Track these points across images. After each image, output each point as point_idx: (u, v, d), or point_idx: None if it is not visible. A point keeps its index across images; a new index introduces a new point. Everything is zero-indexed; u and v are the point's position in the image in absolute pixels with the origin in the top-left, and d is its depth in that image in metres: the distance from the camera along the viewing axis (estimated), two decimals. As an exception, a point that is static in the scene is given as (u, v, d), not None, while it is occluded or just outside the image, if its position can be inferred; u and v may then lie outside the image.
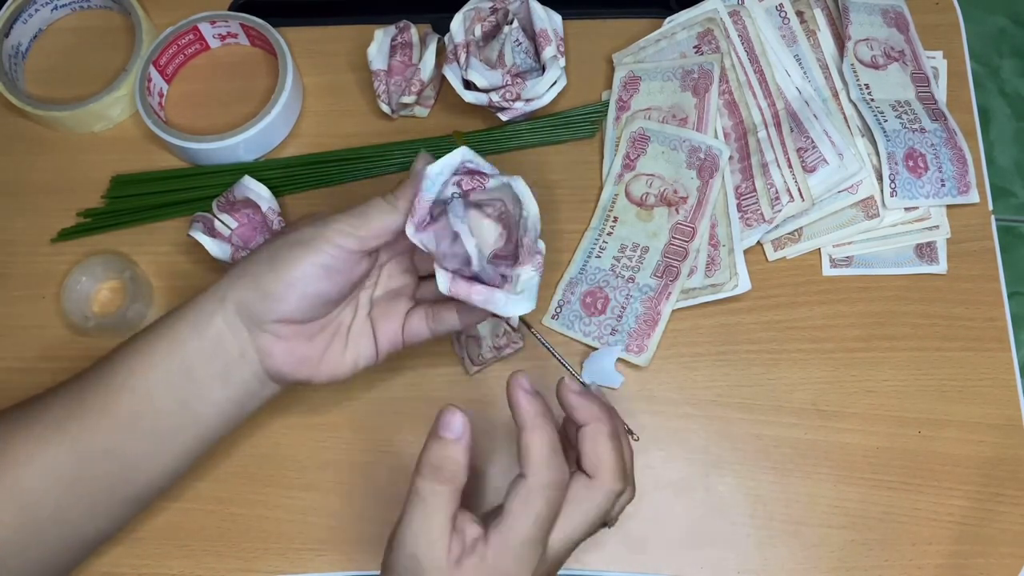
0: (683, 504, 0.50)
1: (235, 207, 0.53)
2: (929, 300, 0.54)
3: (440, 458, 0.36)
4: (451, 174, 0.40)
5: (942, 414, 0.52)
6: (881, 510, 0.50)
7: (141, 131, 0.60)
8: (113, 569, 0.50)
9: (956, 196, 0.55)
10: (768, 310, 0.54)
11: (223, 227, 0.53)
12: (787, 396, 0.52)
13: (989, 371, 0.53)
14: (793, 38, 0.58)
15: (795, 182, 0.54)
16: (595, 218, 0.56)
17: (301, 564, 0.50)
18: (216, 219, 0.53)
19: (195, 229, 0.52)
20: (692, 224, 0.54)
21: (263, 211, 0.54)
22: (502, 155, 0.58)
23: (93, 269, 0.55)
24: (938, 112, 0.57)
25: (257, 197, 0.54)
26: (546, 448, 0.36)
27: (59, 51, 0.63)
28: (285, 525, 0.50)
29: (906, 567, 0.49)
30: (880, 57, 0.57)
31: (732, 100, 0.57)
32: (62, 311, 0.54)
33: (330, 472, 0.51)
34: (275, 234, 0.45)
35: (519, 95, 0.55)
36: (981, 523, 0.50)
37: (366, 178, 0.58)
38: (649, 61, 0.59)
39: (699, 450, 0.52)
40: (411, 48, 0.58)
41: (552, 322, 0.54)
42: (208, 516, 0.51)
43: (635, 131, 0.57)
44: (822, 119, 0.55)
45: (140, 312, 0.55)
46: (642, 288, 0.54)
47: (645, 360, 0.52)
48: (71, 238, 0.57)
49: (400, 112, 0.59)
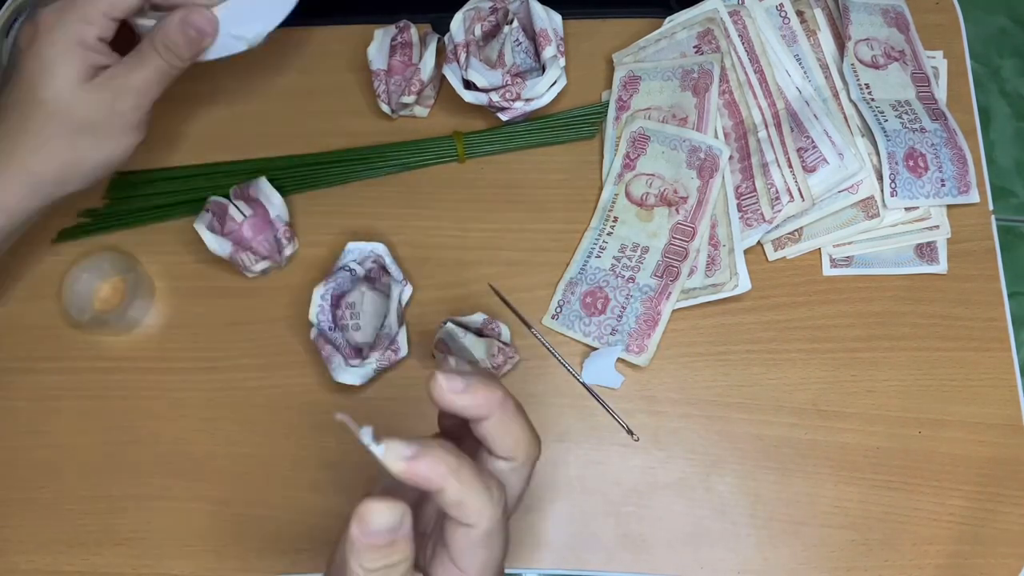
0: (683, 504, 0.50)
1: (250, 201, 0.54)
2: (929, 300, 0.54)
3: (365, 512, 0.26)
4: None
5: (942, 414, 0.52)
6: (881, 510, 0.50)
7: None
8: (113, 569, 0.50)
9: (956, 196, 0.55)
10: (768, 310, 0.54)
11: (237, 213, 0.53)
12: (787, 396, 0.52)
13: (989, 371, 0.53)
14: (793, 38, 0.58)
15: (795, 182, 0.54)
16: (595, 218, 0.56)
17: (301, 564, 0.50)
18: (232, 204, 0.53)
19: (201, 220, 0.52)
20: (692, 224, 0.54)
21: (271, 217, 0.54)
22: (502, 155, 0.58)
23: (100, 265, 0.55)
24: (938, 112, 0.57)
25: (267, 201, 0.54)
26: (455, 496, 0.27)
27: (59, 51, 0.63)
28: (285, 525, 0.50)
29: (906, 567, 0.49)
30: (880, 57, 0.57)
31: (732, 100, 0.57)
32: (61, 305, 0.54)
33: (330, 472, 0.51)
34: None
35: (519, 95, 0.55)
36: (981, 523, 0.50)
37: (366, 178, 0.58)
38: (649, 61, 0.59)
39: (699, 450, 0.52)
40: (411, 48, 0.58)
41: (552, 322, 0.54)
42: (208, 516, 0.51)
43: (635, 131, 0.57)
44: (822, 119, 0.55)
45: (141, 311, 0.55)
46: (642, 288, 0.54)
47: (645, 360, 0.52)
48: (71, 238, 0.57)
49: (400, 112, 0.59)
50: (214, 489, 0.51)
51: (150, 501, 0.51)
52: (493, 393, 0.30)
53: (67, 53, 0.45)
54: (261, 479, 0.51)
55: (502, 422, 0.30)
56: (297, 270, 0.56)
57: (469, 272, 0.55)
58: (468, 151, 0.58)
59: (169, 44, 0.46)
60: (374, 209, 0.57)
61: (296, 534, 0.50)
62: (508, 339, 0.52)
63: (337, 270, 0.53)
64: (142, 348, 0.54)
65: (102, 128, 0.47)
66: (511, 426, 0.30)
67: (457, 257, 0.56)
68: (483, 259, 0.56)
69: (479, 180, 0.58)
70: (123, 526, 0.51)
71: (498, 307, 0.55)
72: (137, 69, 0.47)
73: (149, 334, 0.55)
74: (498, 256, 0.56)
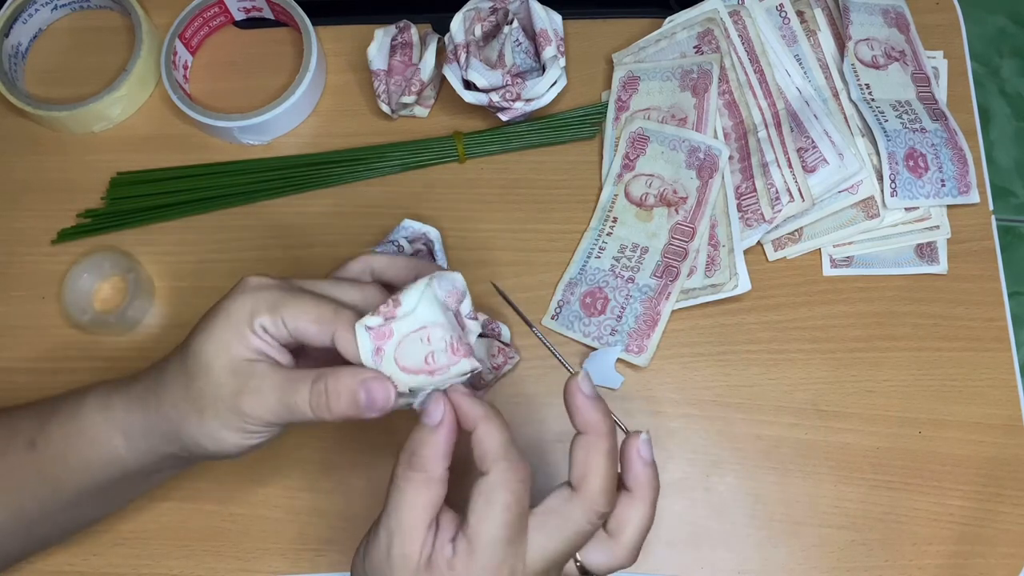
0: (683, 504, 0.50)
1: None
2: (929, 300, 0.54)
3: (416, 444, 0.34)
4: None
5: (942, 414, 0.52)
6: (881, 510, 0.50)
7: (141, 131, 0.60)
8: (113, 569, 0.50)
9: (956, 196, 0.55)
10: (768, 310, 0.54)
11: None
12: (787, 396, 0.52)
13: (989, 371, 0.53)
14: (793, 38, 0.58)
15: (795, 182, 0.54)
16: (595, 218, 0.56)
17: (301, 564, 0.50)
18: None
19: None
20: (692, 224, 0.54)
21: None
22: (502, 155, 0.58)
23: (100, 264, 0.55)
24: (938, 112, 0.57)
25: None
26: (499, 438, 0.34)
27: (59, 51, 0.63)
28: (285, 525, 0.50)
29: (906, 567, 0.49)
30: (881, 57, 0.57)
31: (732, 100, 0.57)
32: (61, 304, 0.54)
33: (330, 472, 0.51)
34: (188, 373, 0.38)
35: (519, 95, 0.55)
36: (981, 523, 0.50)
37: (366, 178, 0.58)
38: (649, 61, 0.59)
39: (699, 450, 0.52)
40: (411, 48, 0.58)
41: (552, 322, 0.54)
42: (208, 516, 0.51)
43: (634, 131, 0.57)
44: (822, 119, 0.55)
45: (141, 311, 0.55)
46: (642, 288, 0.54)
47: (645, 360, 0.52)
48: (71, 239, 0.57)
49: (400, 112, 0.59)
50: (214, 489, 0.51)
51: (150, 501, 0.51)
52: (600, 419, 0.35)
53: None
54: (261, 479, 0.51)
55: (589, 446, 0.34)
56: (297, 271, 0.56)
57: (469, 272, 0.55)
58: (468, 151, 0.58)
59: (330, 395, 0.36)
60: (374, 209, 0.57)
61: (296, 534, 0.50)
62: (508, 339, 0.52)
63: (387, 241, 0.53)
64: (142, 348, 0.54)
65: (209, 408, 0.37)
66: (593, 455, 0.34)
67: (457, 257, 0.56)
68: (483, 259, 0.56)
69: (479, 180, 0.58)
70: (123, 526, 0.51)
71: (498, 307, 0.54)
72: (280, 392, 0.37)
73: (149, 334, 0.55)
74: (498, 256, 0.56)
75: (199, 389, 0.37)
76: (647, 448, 0.36)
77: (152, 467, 0.40)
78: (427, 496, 0.33)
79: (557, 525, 0.34)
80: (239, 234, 0.57)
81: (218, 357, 0.36)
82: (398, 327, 0.35)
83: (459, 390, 0.35)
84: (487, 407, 0.35)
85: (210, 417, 0.37)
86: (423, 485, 0.33)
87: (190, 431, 0.37)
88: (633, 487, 0.36)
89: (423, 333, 0.35)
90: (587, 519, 0.34)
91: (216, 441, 0.37)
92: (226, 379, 0.36)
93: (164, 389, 0.38)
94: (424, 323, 0.35)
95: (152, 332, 0.55)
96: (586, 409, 0.35)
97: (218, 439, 0.37)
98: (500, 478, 0.33)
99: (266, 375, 0.36)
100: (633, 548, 0.36)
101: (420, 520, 0.33)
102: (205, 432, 0.37)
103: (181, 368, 0.38)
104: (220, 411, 0.36)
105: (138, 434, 0.39)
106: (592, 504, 0.34)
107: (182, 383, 0.37)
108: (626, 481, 0.36)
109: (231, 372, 0.36)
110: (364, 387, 0.35)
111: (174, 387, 0.38)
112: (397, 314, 0.35)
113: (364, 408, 0.35)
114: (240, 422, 0.36)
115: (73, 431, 0.40)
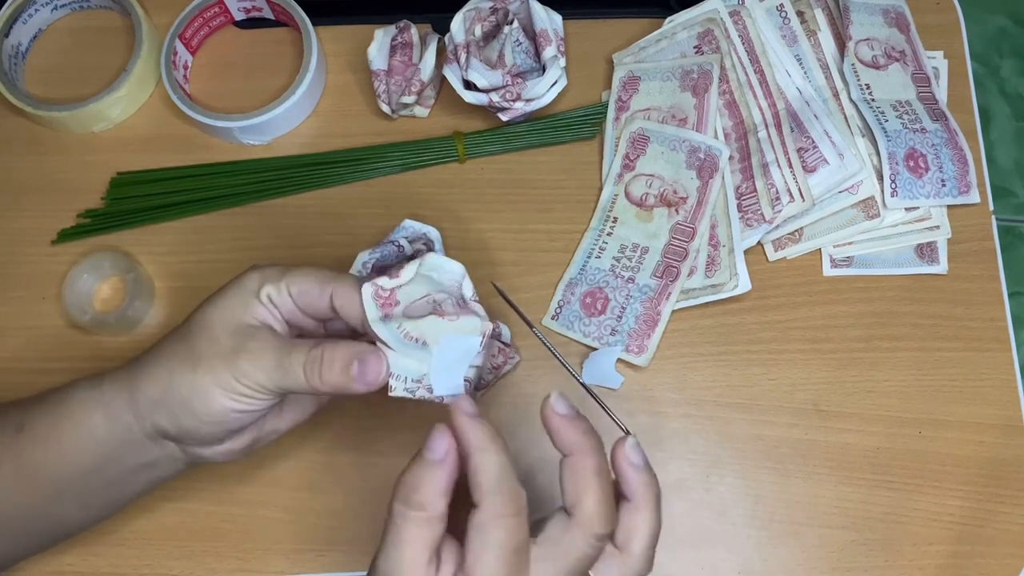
0: (683, 504, 0.50)
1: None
2: (929, 300, 0.54)
3: (416, 481, 0.32)
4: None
5: (942, 414, 0.52)
6: (881, 510, 0.50)
7: (141, 131, 0.60)
8: (113, 569, 0.50)
9: (957, 196, 0.55)
10: (768, 310, 0.54)
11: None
12: (787, 396, 0.52)
13: (989, 371, 0.53)
14: (793, 38, 0.58)
15: (795, 182, 0.54)
16: (595, 218, 0.56)
17: (301, 564, 0.50)
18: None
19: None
20: (692, 224, 0.54)
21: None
22: (502, 155, 0.58)
23: (100, 264, 0.55)
24: (939, 112, 0.57)
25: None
26: (494, 470, 0.32)
27: (59, 51, 0.63)
28: (285, 525, 0.50)
29: (906, 567, 0.49)
30: (881, 57, 0.57)
31: (732, 100, 0.57)
32: (61, 304, 0.54)
33: (330, 472, 0.51)
34: (187, 334, 0.39)
35: (519, 95, 0.55)
36: (981, 523, 0.50)
37: (366, 179, 0.58)
38: (649, 61, 0.59)
39: (699, 450, 0.52)
40: (411, 48, 0.58)
41: (552, 323, 0.54)
42: (208, 516, 0.51)
43: (634, 131, 0.57)
44: (822, 119, 0.55)
45: (141, 311, 0.55)
46: (642, 288, 0.54)
47: (645, 360, 0.52)
48: (71, 239, 0.57)
49: (400, 112, 0.59)
50: (214, 489, 0.51)
51: (150, 501, 0.51)
52: (582, 437, 0.34)
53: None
54: (261, 479, 0.51)
55: (575, 468, 0.34)
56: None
57: (469, 272, 0.55)
58: (468, 151, 0.58)
59: (324, 362, 0.37)
60: (374, 209, 0.57)
61: (296, 534, 0.50)
62: (508, 339, 0.52)
63: (387, 241, 0.52)
64: (142, 348, 0.54)
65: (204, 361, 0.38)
66: (581, 477, 0.33)
67: (457, 257, 0.55)
68: (483, 259, 0.56)
69: (479, 180, 0.58)
70: (123, 526, 0.51)
71: (498, 307, 0.54)
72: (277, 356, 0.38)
73: (149, 334, 0.55)
74: (498, 256, 0.56)
75: (196, 347, 0.38)
76: (636, 453, 0.35)
77: (131, 453, 0.40)
78: (427, 535, 0.32)
79: (559, 555, 0.33)
80: (239, 234, 0.57)
81: (222, 319, 0.38)
82: (403, 293, 0.38)
83: (464, 409, 0.34)
84: (486, 433, 0.33)
85: (204, 371, 0.37)
86: (423, 524, 0.32)
87: (179, 389, 0.38)
88: (632, 495, 0.35)
89: (428, 298, 0.38)
90: (587, 544, 0.33)
91: (205, 401, 0.37)
92: (226, 339, 0.38)
93: (159, 351, 0.40)
94: (427, 291, 0.38)
95: (152, 332, 0.55)
96: (564, 430, 0.34)
97: (207, 398, 0.37)
98: (493, 512, 0.32)
99: (266, 338, 0.38)
100: (645, 557, 0.35)
101: (419, 558, 0.32)
102: (196, 386, 0.37)
103: (182, 334, 0.39)
104: (215, 365, 0.37)
105: (121, 404, 0.39)
106: (589, 528, 0.33)
107: (180, 345, 0.39)
108: (623, 491, 0.35)
109: (232, 333, 0.38)
110: (359, 359, 0.36)
111: (169, 348, 0.39)
112: (403, 276, 0.38)
113: (355, 378, 0.36)
114: (232, 379, 0.37)
115: (58, 413, 0.40)
